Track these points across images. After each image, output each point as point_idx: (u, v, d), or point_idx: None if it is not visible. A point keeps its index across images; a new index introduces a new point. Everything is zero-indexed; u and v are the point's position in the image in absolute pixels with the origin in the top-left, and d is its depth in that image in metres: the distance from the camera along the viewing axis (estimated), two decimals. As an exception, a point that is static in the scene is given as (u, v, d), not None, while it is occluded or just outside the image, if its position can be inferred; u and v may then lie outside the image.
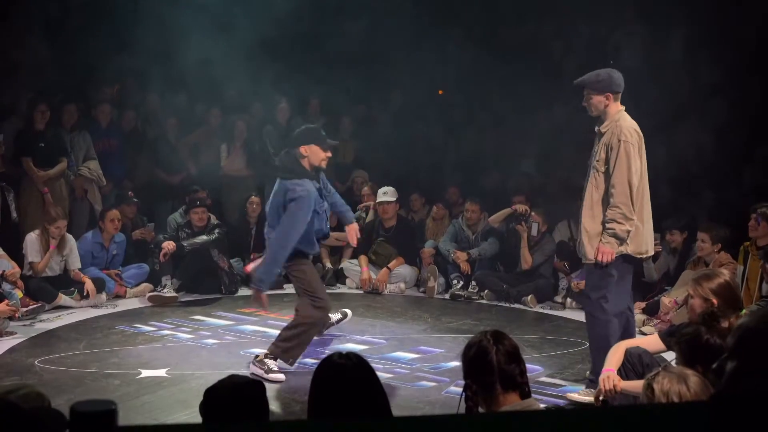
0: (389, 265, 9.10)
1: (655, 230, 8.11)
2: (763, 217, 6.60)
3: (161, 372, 5.90)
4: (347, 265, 9.34)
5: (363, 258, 9.19)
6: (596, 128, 5.38)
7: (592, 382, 5.27)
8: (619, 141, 5.16)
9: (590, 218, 5.29)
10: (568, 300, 8.28)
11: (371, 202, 9.67)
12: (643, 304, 7.57)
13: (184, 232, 8.68)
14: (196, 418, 2.89)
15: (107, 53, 9.92)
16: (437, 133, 11.41)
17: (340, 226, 9.57)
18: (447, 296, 8.81)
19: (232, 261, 8.93)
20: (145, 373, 5.87)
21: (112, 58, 9.97)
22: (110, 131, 9.68)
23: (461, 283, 8.81)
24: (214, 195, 9.91)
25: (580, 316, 7.87)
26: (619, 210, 5.14)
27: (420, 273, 9.25)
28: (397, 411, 3.68)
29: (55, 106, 8.96)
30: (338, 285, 9.30)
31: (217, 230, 8.72)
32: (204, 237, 8.63)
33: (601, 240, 5.21)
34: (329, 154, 6.01)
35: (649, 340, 4.62)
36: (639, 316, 7.47)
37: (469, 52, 11.42)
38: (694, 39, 10.49)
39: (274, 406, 4.88)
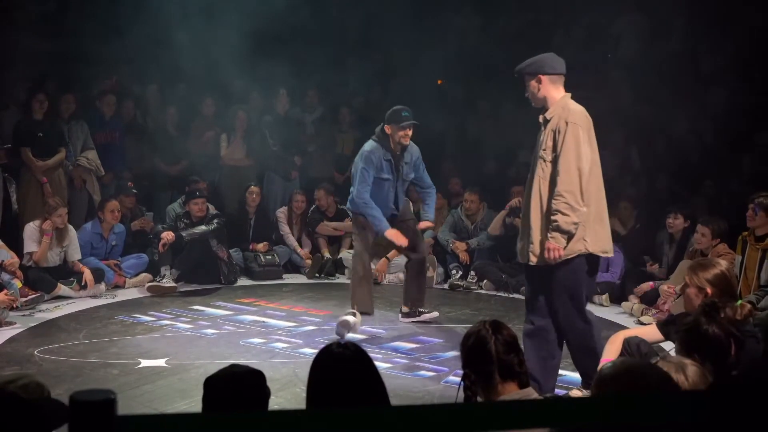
0: (388, 255, 9.08)
1: (657, 218, 8.16)
2: (760, 207, 6.60)
3: (160, 362, 5.90)
4: (346, 255, 9.34)
5: (362, 248, 9.18)
6: (540, 117, 4.94)
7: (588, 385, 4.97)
8: (567, 123, 4.68)
9: (539, 214, 4.77)
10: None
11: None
12: (641, 292, 7.59)
13: (182, 223, 8.67)
14: (196, 407, 2.90)
15: (105, 43, 9.89)
16: (436, 124, 11.39)
17: (337, 216, 9.61)
18: (446, 286, 8.82)
19: (231, 251, 8.94)
20: (145, 362, 5.88)
21: (110, 48, 9.95)
22: (111, 122, 9.65)
23: (460, 273, 8.82)
24: (214, 185, 9.92)
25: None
26: (564, 200, 4.61)
27: (419, 263, 9.25)
28: (395, 400, 3.69)
29: (52, 96, 8.93)
30: (337, 275, 9.30)
31: (216, 220, 8.72)
32: (203, 227, 8.63)
33: (547, 235, 4.69)
34: (407, 132, 6.72)
35: (648, 330, 4.62)
36: (637, 306, 7.50)
37: (468, 42, 11.40)
38: (694, 28, 10.47)
39: (273, 395, 4.88)
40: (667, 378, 2.19)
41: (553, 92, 4.85)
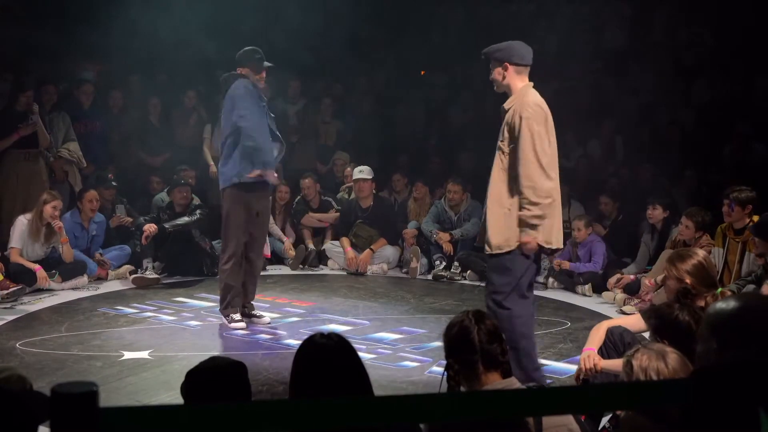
0: (372, 247, 9.10)
1: (640, 209, 8.20)
2: (736, 201, 6.64)
3: (144, 354, 5.89)
4: (329, 246, 9.34)
5: (345, 240, 9.18)
6: (501, 106, 4.87)
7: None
8: (521, 118, 4.61)
9: (497, 204, 4.73)
10: (550, 280, 8.32)
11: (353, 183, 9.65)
12: (621, 285, 7.62)
13: (165, 214, 8.64)
14: (179, 399, 2.89)
15: (87, 34, 9.81)
16: (420, 114, 11.39)
17: (322, 207, 9.60)
18: (430, 277, 8.83)
19: (213, 242, 8.90)
20: (128, 355, 5.86)
21: (92, 38, 9.87)
22: (92, 112, 9.57)
23: (444, 263, 8.83)
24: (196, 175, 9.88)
25: (562, 296, 7.95)
26: (524, 196, 4.60)
27: (403, 254, 9.27)
28: (379, 391, 3.70)
29: (32, 87, 8.83)
30: (321, 266, 9.30)
31: (198, 211, 8.68)
32: (186, 218, 8.59)
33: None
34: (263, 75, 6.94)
35: (631, 320, 4.63)
36: (619, 295, 7.53)
37: (451, 31, 11.40)
38: (677, 19, 10.52)
39: (256, 387, 4.88)
40: None
41: (517, 82, 4.81)
